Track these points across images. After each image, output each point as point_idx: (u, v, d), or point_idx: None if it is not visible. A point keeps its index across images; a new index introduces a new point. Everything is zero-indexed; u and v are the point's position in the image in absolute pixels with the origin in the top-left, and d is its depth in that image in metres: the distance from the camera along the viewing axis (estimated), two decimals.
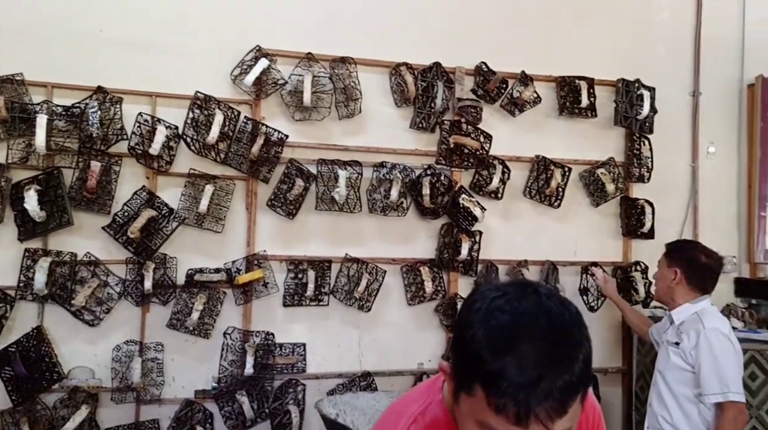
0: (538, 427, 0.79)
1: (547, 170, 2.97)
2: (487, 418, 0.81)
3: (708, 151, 3.17)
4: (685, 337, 2.21)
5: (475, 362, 0.81)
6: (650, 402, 2.37)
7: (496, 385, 0.79)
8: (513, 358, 0.78)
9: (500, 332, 0.80)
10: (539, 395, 0.78)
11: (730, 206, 3.20)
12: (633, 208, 3.05)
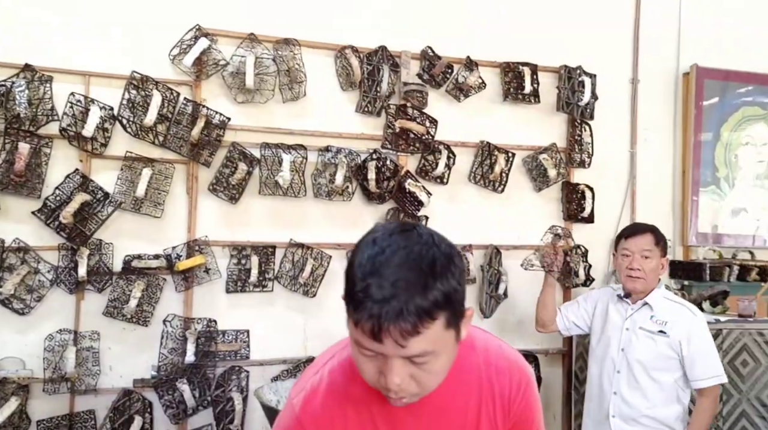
0: (392, 343, 0.89)
1: (492, 156, 3.00)
2: (357, 335, 0.92)
3: (646, 138, 3.26)
4: (671, 325, 2.21)
5: (350, 286, 0.92)
6: (616, 391, 2.28)
7: (360, 303, 0.89)
8: (375, 280, 0.89)
9: (371, 259, 0.91)
10: (391, 312, 0.87)
11: (666, 191, 3.31)
12: (574, 192, 3.12)
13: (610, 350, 2.32)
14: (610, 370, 2.31)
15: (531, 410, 1.13)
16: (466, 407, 1.08)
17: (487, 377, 1.09)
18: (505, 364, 1.11)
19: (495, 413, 1.09)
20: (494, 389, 1.09)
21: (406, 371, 0.93)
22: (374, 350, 0.92)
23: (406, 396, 0.96)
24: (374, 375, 0.95)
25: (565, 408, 3.09)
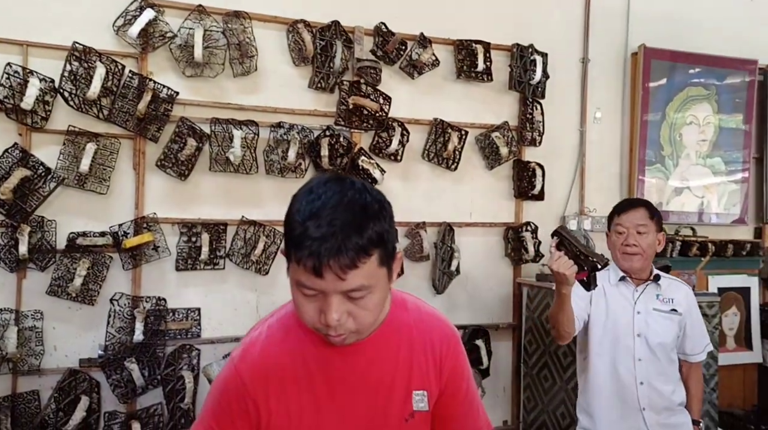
0: (332, 277, 0.96)
1: (445, 133, 3.02)
2: (299, 276, 0.99)
3: (595, 116, 3.33)
4: (677, 302, 2.14)
5: (290, 232, 1.00)
6: (642, 381, 2.09)
7: (301, 244, 0.97)
8: (313, 221, 0.97)
9: (309, 205, 0.99)
10: (331, 248, 0.95)
11: (613, 169, 3.39)
12: (525, 170, 3.17)
13: (622, 337, 2.11)
14: (628, 359, 2.11)
15: (462, 366, 1.21)
16: (397, 358, 1.14)
17: (419, 332, 1.16)
18: (436, 322, 1.20)
19: (427, 367, 1.15)
20: (426, 345, 1.16)
21: (344, 308, 1.00)
22: (315, 288, 0.99)
23: (344, 333, 1.03)
24: (314, 315, 1.02)
25: (514, 380, 3.17)
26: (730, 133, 3.51)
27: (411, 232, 3.00)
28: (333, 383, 1.11)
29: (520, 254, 3.15)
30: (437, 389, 1.16)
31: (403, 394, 1.13)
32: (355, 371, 1.12)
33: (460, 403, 1.20)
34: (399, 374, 1.13)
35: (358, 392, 1.11)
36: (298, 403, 1.11)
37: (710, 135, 3.46)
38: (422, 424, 1.15)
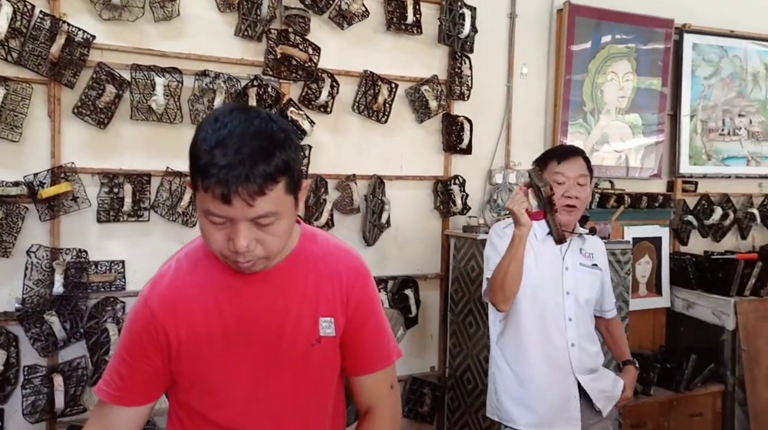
0: (241, 204, 0.98)
1: (375, 86, 3.02)
2: (206, 204, 1.00)
3: (522, 71, 3.40)
4: (596, 257, 2.09)
5: (196, 161, 1.00)
6: (573, 342, 2.00)
7: (208, 172, 0.98)
8: (220, 150, 0.98)
9: (215, 133, 1.00)
10: (239, 175, 0.97)
11: (538, 125, 3.48)
12: (453, 124, 3.22)
13: (551, 294, 2.00)
14: (559, 318, 2.00)
15: (370, 297, 1.25)
16: (304, 287, 1.17)
17: (327, 264, 1.20)
18: (344, 254, 1.24)
19: (334, 295, 1.19)
20: (333, 275, 1.20)
21: (252, 235, 1.03)
22: (223, 215, 1.01)
23: (253, 259, 1.06)
24: (223, 243, 1.04)
25: (441, 327, 3.28)
26: (648, 94, 3.66)
27: (341, 184, 3.01)
28: (241, 312, 1.14)
29: (448, 206, 3.22)
30: (344, 317, 1.20)
31: (311, 321, 1.17)
32: (263, 300, 1.14)
33: (369, 331, 1.24)
34: (306, 302, 1.17)
35: (266, 319, 1.14)
36: (208, 330, 1.14)
37: (629, 92, 3.60)
38: (329, 349, 1.20)
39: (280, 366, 1.16)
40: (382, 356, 1.27)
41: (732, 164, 3.95)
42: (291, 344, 1.16)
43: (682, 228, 3.78)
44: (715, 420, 3.36)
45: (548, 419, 2.00)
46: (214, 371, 1.14)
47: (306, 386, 1.19)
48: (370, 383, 1.26)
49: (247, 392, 1.15)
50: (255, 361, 1.15)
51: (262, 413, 1.16)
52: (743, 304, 3.35)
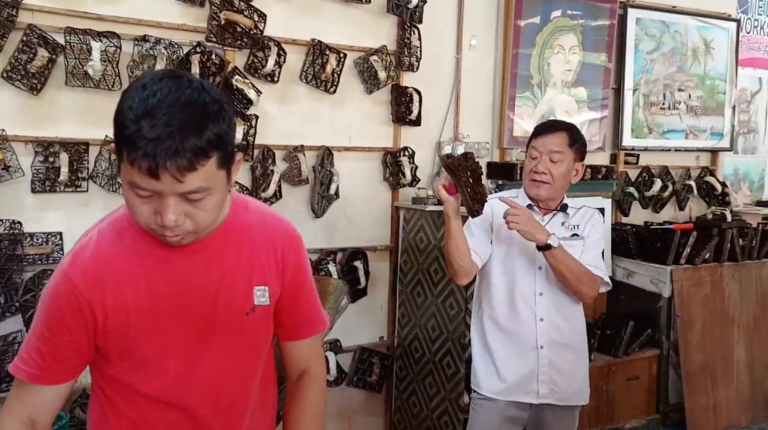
0: (170, 179, 0.94)
1: (323, 55, 2.97)
2: (132, 176, 0.95)
3: (470, 43, 3.40)
4: (582, 227, 2.05)
5: (121, 130, 0.95)
6: (543, 317, 2.01)
7: (134, 143, 0.93)
8: (147, 121, 0.93)
9: (142, 102, 0.94)
10: (168, 149, 0.92)
11: (487, 97, 3.50)
12: (403, 95, 3.20)
13: (523, 270, 2.01)
14: (528, 293, 2.01)
15: (303, 264, 1.25)
16: (238, 257, 1.15)
17: (260, 232, 1.18)
18: (277, 223, 1.22)
19: (268, 264, 1.18)
20: (267, 244, 1.18)
21: (181, 209, 0.99)
22: (150, 189, 0.96)
23: (181, 234, 1.03)
24: (150, 216, 1.00)
25: (390, 298, 3.31)
26: (593, 69, 3.72)
27: (289, 155, 2.97)
28: (172, 282, 1.10)
29: (397, 178, 3.23)
30: (279, 285, 1.19)
31: (245, 290, 1.15)
32: (195, 269, 1.11)
33: (305, 296, 1.25)
34: (240, 271, 1.15)
35: (198, 290, 1.12)
36: (136, 303, 1.09)
37: (575, 66, 3.66)
38: (264, 317, 1.19)
39: (215, 336, 1.14)
40: (318, 320, 1.30)
41: (672, 138, 4.08)
42: (225, 313, 1.14)
43: (624, 200, 3.90)
44: (650, 383, 3.52)
45: (510, 389, 2.07)
46: (145, 342, 1.10)
47: (241, 355, 1.18)
48: (305, 347, 1.28)
49: (181, 363, 1.13)
50: (188, 331, 1.12)
51: (196, 384, 1.14)
52: (679, 272, 3.49)
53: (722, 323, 3.60)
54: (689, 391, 3.46)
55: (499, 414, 2.08)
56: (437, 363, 3.00)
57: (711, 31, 4.17)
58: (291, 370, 1.30)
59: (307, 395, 1.28)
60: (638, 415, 3.47)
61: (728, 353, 3.57)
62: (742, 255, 3.69)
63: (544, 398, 2.05)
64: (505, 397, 2.07)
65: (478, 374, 2.13)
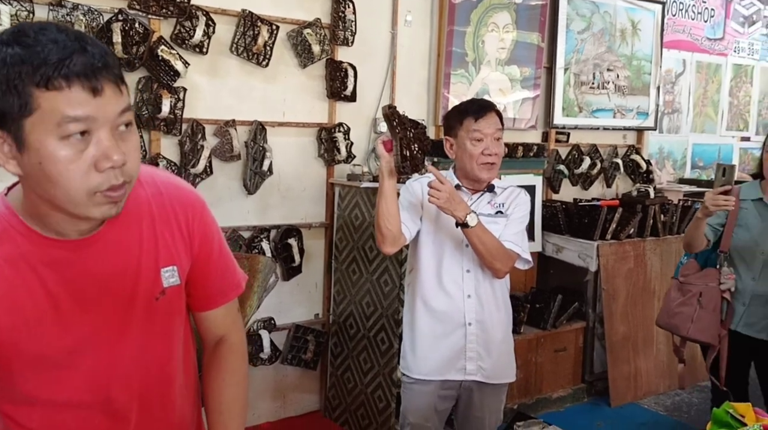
0: (112, 91, 0.87)
1: (255, 27, 2.88)
2: (63, 108, 0.84)
3: (406, 19, 3.37)
4: (506, 206, 2.06)
5: (19, 61, 0.83)
6: (470, 294, 2.03)
7: (51, 61, 0.83)
8: (48, 36, 0.85)
9: (28, 28, 0.86)
10: (98, 55, 0.86)
11: (422, 74, 3.50)
12: (338, 71, 3.16)
13: (450, 247, 2.02)
14: (456, 270, 2.03)
15: (210, 229, 1.17)
16: (140, 238, 1.07)
17: (159, 206, 1.09)
18: (175, 191, 1.12)
19: (173, 239, 1.10)
20: (169, 217, 1.10)
21: (117, 145, 0.90)
22: (88, 116, 0.86)
23: (125, 179, 0.92)
24: (87, 172, 0.88)
25: (325, 275, 3.29)
26: (526, 47, 3.77)
27: (220, 130, 2.89)
28: (70, 281, 1.00)
29: (332, 154, 3.19)
30: (188, 259, 1.13)
31: (152, 274, 1.07)
32: (95, 262, 1.02)
33: (215, 263, 1.18)
34: (144, 254, 1.06)
35: (101, 284, 1.03)
36: (35, 310, 0.99)
37: (509, 44, 3.69)
38: (175, 298, 1.12)
39: (126, 326, 1.07)
40: (232, 286, 1.22)
41: (600, 116, 4.20)
42: (131, 303, 1.06)
43: (555, 177, 4.00)
44: (576, 354, 3.66)
45: (438, 369, 2.07)
46: (49, 346, 1.01)
47: (155, 341, 1.12)
48: (222, 314, 1.21)
49: (92, 360, 1.05)
50: (96, 327, 1.04)
51: (112, 377, 1.08)
52: (605, 247, 3.62)
53: (644, 295, 3.78)
54: (612, 360, 3.62)
55: (431, 395, 2.10)
56: (372, 339, 3.02)
57: (638, 12, 4.29)
58: (208, 338, 1.24)
59: (227, 363, 1.22)
60: (565, 385, 3.61)
61: (649, 324, 3.75)
62: (663, 230, 3.87)
63: (471, 375, 2.08)
64: (435, 377, 2.08)
65: (407, 357, 2.13)
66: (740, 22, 5.11)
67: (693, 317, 2.50)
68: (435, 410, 2.12)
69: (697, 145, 4.99)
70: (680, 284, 2.60)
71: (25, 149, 0.86)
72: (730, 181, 2.34)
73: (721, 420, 1.56)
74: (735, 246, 2.51)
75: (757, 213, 2.48)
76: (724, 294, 2.48)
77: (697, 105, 4.92)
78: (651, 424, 3.45)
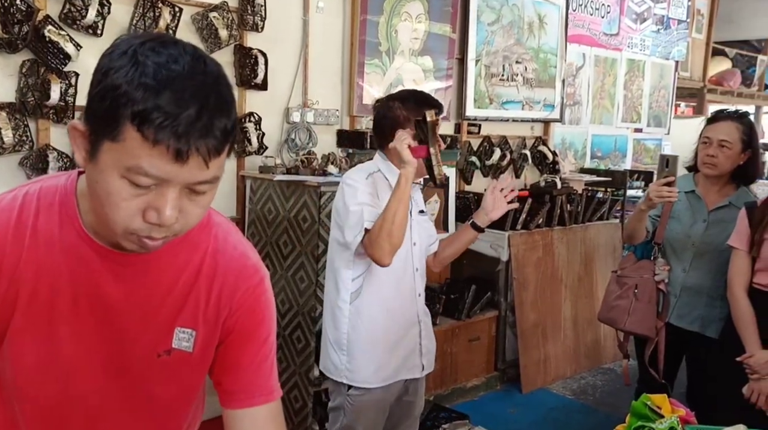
0: (197, 164, 0.78)
1: (156, 8, 2.67)
2: (140, 160, 0.76)
3: (318, 5, 3.26)
4: (421, 203, 2.11)
5: (124, 102, 0.75)
6: (420, 292, 2.05)
7: (152, 120, 0.75)
8: (170, 93, 0.75)
9: (155, 70, 0.76)
10: (201, 129, 0.77)
11: (336, 63, 3.40)
12: (247, 57, 3.00)
13: (403, 247, 1.91)
14: (409, 270, 2.01)
15: (262, 314, 1.02)
16: (176, 281, 0.95)
17: (213, 263, 0.98)
18: (240, 260, 1.00)
19: (206, 304, 0.98)
20: (216, 279, 0.97)
21: (179, 204, 0.82)
22: (161, 177, 0.78)
23: (168, 236, 0.85)
24: (133, 216, 0.81)
25: None
26: (439, 38, 3.76)
27: None
28: (91, 293, 0.90)
29: (243, 145, 3.04)
30: (213, 331, 0.99)
31: (165, 326, 0.95)
32: (121, 284, 0.92)
33: (251, 354, 1.01)
34: (170, 300, 0.95)
35: (119, 309, 0.92)
36: (51, 299, 0.90)
37: (422, 34, 3.66)
38: (181, 365, 0.98)
39: (125, 369, 0.95)
40: (263, 389, 1.02)
41: (510, 108, 4.28)
42: (134, 345, 0.94)
43: (467, 168, 4.03)
44: (490, 342, 3.74)
45: (395, 371, 2.03)
46: (65, 346, 0.91)
47: (150, 405, 0.98)
48: (248, 422, 1.02)
49: (95, 382, 0.94)
50: (105, 352, 0.93)
51: (102, 422, 0.96)
52: (515, 237, 3.70)
53: (552, 283, 3.90)
54: (523, 347, 3.72)
55: (383, 401, 2.04)
56: (287, 338, 2.92)
57: (544, 6, 4.39)
58: None
59: None
60: (479, 374, 3.68)
61: (557, 311, 3.89)
62: (569, 220, 4.01)
63: (428, 369, 2.11)
64: (391, 380, 2.02)
65: (362, 370, 1.98)
66: (633, 19, 5.37)
67: (629, 310, 2.49)
68: (383, 414, 2.07)
69: (596, 136, 5.22)
70: (618, 277, 2.60)
71: (93, 160, 0.80)
72: (673, 172, 2.30)
73: (640, 412, 1.60)
74: (668, 238, 2.52)
75: (689, 205, 2.50)
76: (659, 285, 2.48)
77: (596, 97, 5.13)
78: (560, 408, 3.58)
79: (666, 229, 2.50)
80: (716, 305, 2.43)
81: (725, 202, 2.45)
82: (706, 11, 6.12)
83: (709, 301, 2.45)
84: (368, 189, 1.91)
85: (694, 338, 2.50)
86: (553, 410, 3.55)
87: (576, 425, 3.38)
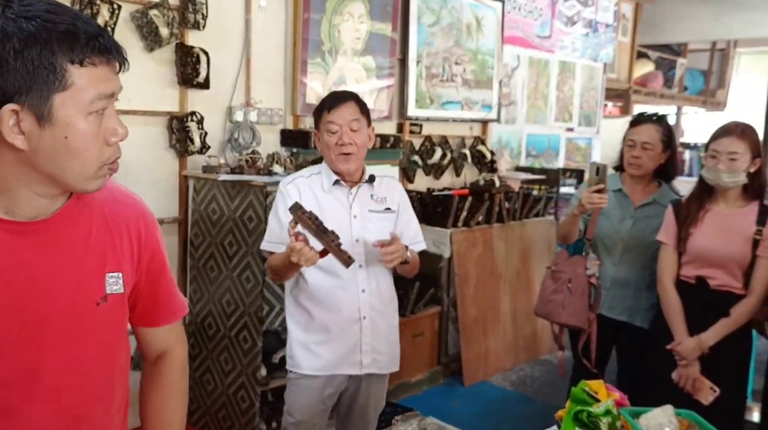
0: (115, 70, 0.95)
1: (93, 5, 2.60)
2: (95, 84, 0.90)
3: (260, 4, 3.24)
4: (389, 200, 2.11)
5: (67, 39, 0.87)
6: (364, 288, 2.05)
7: (80, 39, 0.88)
8: (81, 20, 0.90)
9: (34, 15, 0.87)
10: (111, 39, 0.95)
11: (279, 62, 3.39)
12: (189, 56, 2.96)
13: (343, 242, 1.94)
14: (353, 266, 1.96)
15: (161, 246, 1.18)
16: (87, 237, 1.01)
17: (113, 211, 1.06)
18: (132, 202, 1.13)
19: (122, 248, 1.06)
20: (121, 224, 1.06)
21: None
22: (114, 92, 0.93)
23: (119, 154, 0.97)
24: (101, 147, 0.92)
25: (180, 274, 3.10)
26: (380, 38, 3.81)
27: None
28: (10, 270, 0.92)
29: (185, 145, 3.00)
30: (134, 270, 1.08)
31: (96, 277, 1.03)
32: (36, 254, 0.94)
33: (165, 281, 1.19)
34: (90, 255, 1.00)
35: (38, 278, 0.94)
36: None
37: (364, 34, 3.70)
38: (117, 306, 1.06)
39: (60, 332, 0.97)
40: (178, 307, 1.24)
41: (450, 108, 4.38)
42: (71, 304, 0.98)
43: (409, 167, 4.11)
44: (433, 338, 3.83)
45: (333, 364, 2.07)
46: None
47: (92, 352, 1.02)
48: (165, 331, 1.22)
49: (19, 370, 0.94)
50: (22, 328, 0.93)
51: (38, 393, 0.96)
52: (457, 234, 3.81)
53: (492, 278, 4.04)
54: (465, 342, 3.83)
55: (320, 390, 2.09)
56: (233, 338, 2.91)
57: (481, 9, 4.52)
58: (148, 353, 1.24)
59: (168, 378, 1.23)
60: (422, 369, 3.77)
61: (496, 305, 4.02)
62: (507, 217, 4.15)
63: (367, 368, 2.11)
64: (327, 372, 2.07)
65: (297, 355, 2.09)
66: (564, 22, 5.58)
67: (564, 303, 2.63)
68: (322, 404, 2.11)
69: (531, 135, 5.40)
70: (552, 272, 2.74)
71: (50, 124, 0.86)
72: (603, 179, 2.45)
73: (579, 398, 1.70)
74: (598, 234, 2.67)
75: (617, 203, 2.65)
76: (591, 279, 2.61)
77: (530, 98, 5.31)
78: (501, 400, 3.71)
79: (596, 226, 2.66)
80: (643, 296, 2.61)
81: (650, 199, 2.63)
82: (631, 16, 6.43)
83: (636, 292, 2.63)
84: (295, 192, 2.03)
85: (624, 328, 2.66)
86: (494, 402, 3.67)
87: (516, 415, 3.52)
